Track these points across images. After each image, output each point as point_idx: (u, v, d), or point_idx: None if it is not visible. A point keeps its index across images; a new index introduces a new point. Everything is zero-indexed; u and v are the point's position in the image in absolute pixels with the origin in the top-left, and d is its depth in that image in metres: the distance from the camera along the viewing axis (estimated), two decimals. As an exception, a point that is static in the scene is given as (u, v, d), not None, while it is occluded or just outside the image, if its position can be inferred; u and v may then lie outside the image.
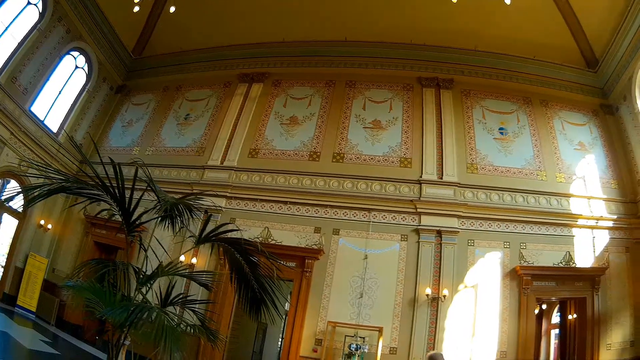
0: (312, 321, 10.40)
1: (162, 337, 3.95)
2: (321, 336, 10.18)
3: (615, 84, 14.00)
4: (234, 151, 12.65)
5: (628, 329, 11.40)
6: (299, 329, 10.30)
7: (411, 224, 11.27)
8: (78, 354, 10.15)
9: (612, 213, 12.42)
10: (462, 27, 13.25)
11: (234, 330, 11.20)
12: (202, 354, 9.96)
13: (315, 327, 10.34)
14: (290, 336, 10.34)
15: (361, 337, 10.00)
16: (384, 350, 9.99)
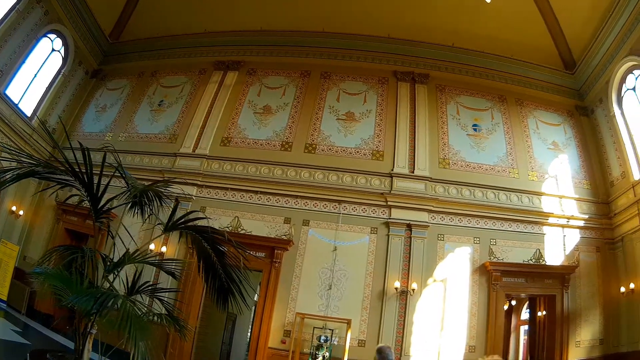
0: (280, 312, 10.30)
1: (126, 326, 3.86)
2: (290, 327, 10.10)
3: (592, 87, 14.12)
4: (206, 139, 12.47)
5: (597, 327, 11.58)
6: (268, 320, 10.19)
7: (381, 216, 11.21)
8: (48, 343, 9.91)
9: (583, 213, 12.50)
10: (441, 23, 13.24)
11: (203, 321, 11.00)
12: (172, 345, 9.72)
13: (284, 319, 10.25)
14: (259, 327, 10.22)
15: (329, 329, 9.95)
16: (353, 343, 9.93)
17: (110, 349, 4.53)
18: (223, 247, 5.11)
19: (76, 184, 4.60)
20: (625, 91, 13.22)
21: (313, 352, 9.66)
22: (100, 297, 3.97)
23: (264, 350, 9.96)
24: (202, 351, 11.19)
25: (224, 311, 5.43)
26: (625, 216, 12.35)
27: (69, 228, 12.64)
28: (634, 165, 12.46)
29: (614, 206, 12.83)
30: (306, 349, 9.89)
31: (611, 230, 12.66)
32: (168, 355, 9.66)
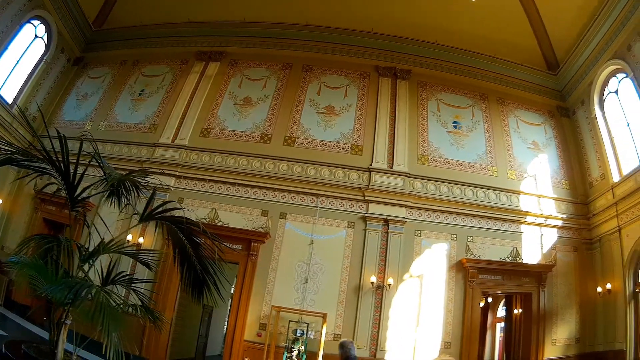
0: (256, 305, 10.22)
1: (99, 316, 3.80)
2: (266, 321, 10.02)
3: (575, 89, 14.20)
4: (186, 130, 12.34)
5: (574, 325, 11.68)
6: (244, 313, 10.10)
7: (359, 211, 11.17)
8: (25, 334, 9.74)
9: (562, 213, 12.56)
10: (425, 19, 13.22)
11: (179, 313, 10.90)
12: (148, 336, 9.56)
13: (260, 312, 10.17)
14: (235, 320, 10.13)
15: (305, 323, 9.91)
16: (328, 337, 9.88)
17: (86, 340, 4.45)
18: (199, 238, 5.06)
19: (53, 172, 4.56)
20: (607, 94, 13.29)
21: (289, 345, 9.61)
22: (74, 286, 3.93)
23: (240, 343, 9.88)
24: (178, 343, 11.12)
25: (199, 303, 5.36)
26: (603, 217, 12.41)
27: (47, 218, 12.46)
28: (614, 168, 12.53)
29: (592, 207, 12.89)
30: (282, 343, 9.83)
31: (589, 230, 12.73)
32: (144, 346, 9.55)
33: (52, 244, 4.73)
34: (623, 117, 12.73)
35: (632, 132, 12.37)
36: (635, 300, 11.29)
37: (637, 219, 11.43)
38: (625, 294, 11.35)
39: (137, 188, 5.15)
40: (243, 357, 9.78)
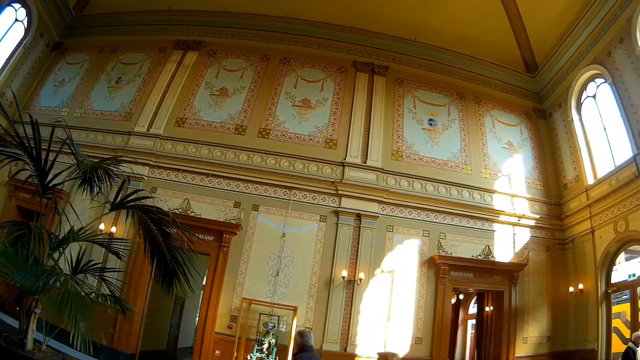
0: (227, 297, 10.12)
1: (67, 305, 3.79)
2: (236, 313, 9.90)
3: (552, 91, 14.31)
4: (161, 119, 12.16)
5: (545, 324, 11.79)
6: (215, 304, 10.01)
7: (331, 205, 11.13)
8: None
9: (535, 213, 12.64)
10: (406, 17, 13.17)
11: (151, 305, 10.69)
12: (120, 328, 9.45)
13: (231, 304, 10.08)
14: (206, 312, 10.03)
15: (276, 316, 9.83)
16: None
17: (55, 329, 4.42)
18: (169, 228, 5.04)
19: (25, 157, 4.54)
20: (585, 98, 13.40)
21: (259, 338, 9.53)
22: (42, 274, 3.91)
23: (211, 336, 9.78)
24: (150, 335, 10.94)
25: (169, 294, 5.30)
26: (576, 219, 12.51)
27: (20, 205, 12.23)
28: (589, 170, 12.65)
29: (566, 208, 12.99)
30: (253, 335, 9.74)
31: (562, 231, 12.82)
32: (116, 338, 9.44)
33: (23, 231, 4.70)
34: (600, 122, 12.83)
35: (608, 137, 12.48)
36: (607, 301, 11.44)
37: (610, 222, 11.55)
38: (597, 294, 11.46)
39: (109, 176, 5.15)
40: (214, 349, 9.69)
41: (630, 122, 11.32)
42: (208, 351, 9.63)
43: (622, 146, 11.96)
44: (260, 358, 9.21)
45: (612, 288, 11.53)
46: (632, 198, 10.95)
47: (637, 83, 11.07)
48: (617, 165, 11.85)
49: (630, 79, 11.35)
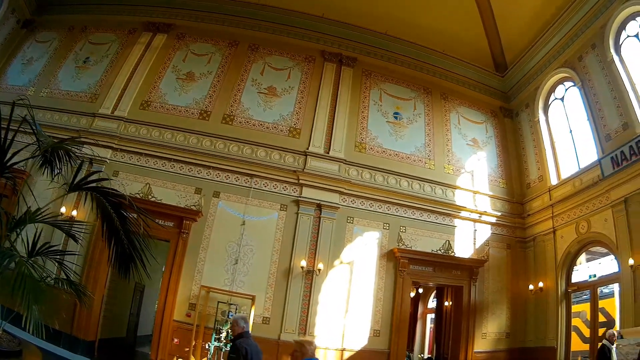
0: (186, 285, 9.95)
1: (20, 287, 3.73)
2: (195, 301, 9.77)
3: (520, 92, 14.46)
4: (126, 101, 11.88)
5: (504, 320, 11.95)
6: (174, 292, 9.83)
7: (292, 194, 11.06)
8: None
9: (497, 210, 12.76)
10: (378, 9, 13.11)
11: (111, 291, 10.48)
12: (79, 314, 9.19)
13: (190, 291, 9.91)
14: (165, 299, 9.83)
15: (234, 305, 9.70)
16: (257, 320, 9.78)
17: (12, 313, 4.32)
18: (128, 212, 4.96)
19: None
20: (553, 100, 13.55)
21: (217, 327, 9.41)
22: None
23: (169, 323, 9.59)
24: (109, 321, 10.69)
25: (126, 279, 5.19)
26: (538, 218, 12.66)
27: (-17, 187, 12.01)
28: (553, 171, 12.81)
29: (528, 207, 13.13)
30: (211, 324, 9.63)
31: (523, 229, 12.97)
32: (75, 324, 9.19)
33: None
34: (567, 124, 12.95)
35: (574, 139, 12.62)
36: (567, 300, 11.65)
37: (572, 222, 11.70)
38: (557, 293, 11.65)
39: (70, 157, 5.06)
40: (172, 337, 9.53)
41: (597, 126, 11.47)
42: (167, 339, 9.46)
43: (587, 149, 12.10)
44: (218, 347, 9.09)
45: (573, 287, 11.70)
46: (595, 200, 11.09)
47: (606, 88, 11.22)
48: (581, 167, 12.01)
49: (600, 84, 11.48)
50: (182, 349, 9.32)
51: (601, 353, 7.89)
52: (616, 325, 10.37)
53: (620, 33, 11.20)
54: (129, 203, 4.93)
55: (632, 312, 9.37)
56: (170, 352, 9.36)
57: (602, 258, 12.94)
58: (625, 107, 10.65)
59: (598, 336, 10.63)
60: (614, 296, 11.43)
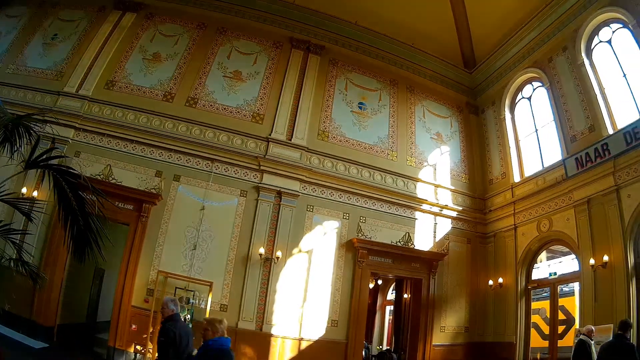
0: (145, 270, 9.72)
1: None
2: (153, 286, 9.58)
3: (488, 89, 14.61)
4: (91, 80, 11.60)
5: (463, 315, 12.11)
6: (132, 277, 9.61)
7: (253, 180, 10.94)
8: None
9: (458, 204, 12.87)
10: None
11: (70, 275, 10.14)
12: (38, 298, 9.00)
13: (148, 277, 9.69)
14: (123, 284, 9.61)
15: (191, 291, 9.59)
16: (215, 307, 9.65)
17: None
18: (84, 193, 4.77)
19: None
20: (520, 99, 13.73)
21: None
22: None
23: (128, 309, 9.39)
24: (69, 306, 10.41)
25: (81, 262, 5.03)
26: (500, 214, 12.81)
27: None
28: (516, 169, 12.98)
29: (490, 203, 13.26)
30: None
31: (484, 225, 13.10)
32: (34, 308, 9.01)
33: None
34: (532, 123, 13.10)
35: (539, 139, 12.77)
36: (526, 297, 11.84)
37: (534, 220, 11.86)
38: (517, 289, 11.83)
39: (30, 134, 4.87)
40: (130, 323, 9.34)
41: (562, 127, 11.64)
42: (125, 325, 9.26)
43: (551, 149, 12.26)
44: None
45: (533, 284, 11.88)
46: (557, 199, 11.26)
47: (574, 91, 11.38)
48: (545, 166, 12.21)
49: (568, 86, 11.64)
50: (140, 336, 9.17)
51: (581, 348, 7.89)
52: (576, 323, 10.55)
53: (593, 38, 11.37)
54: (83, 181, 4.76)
55: (591, 311, 9.54)
56: (128, 339, 9.22)
57: (563, 257, 13.13)
58: (592, 110, 10.81)
59: (557, 333, 10.86)
60: (574, 295, 11.61)
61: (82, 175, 4.87)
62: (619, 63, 10.75)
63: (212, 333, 4.29)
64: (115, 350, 9.09)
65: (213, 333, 4.29)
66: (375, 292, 17.36)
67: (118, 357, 9.04)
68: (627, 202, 9.48)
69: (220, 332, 4.31)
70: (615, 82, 10.79)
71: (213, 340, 4.25)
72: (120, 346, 9.11)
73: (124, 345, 9.14)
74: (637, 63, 10.16)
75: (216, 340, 4.26)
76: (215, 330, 4.30)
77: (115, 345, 9.14)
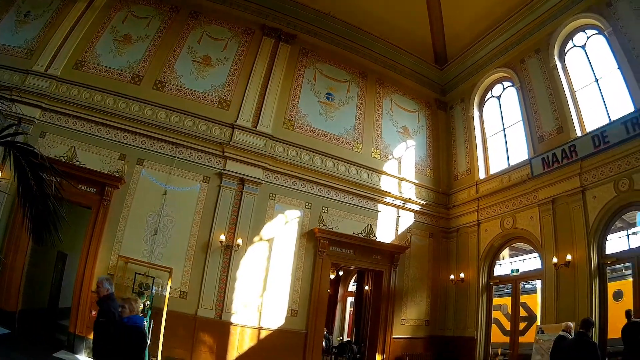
0: (105, 254, 9.57)
1: None
2: (113, 271, 9.31)
3: (457, 86, 14.81)
4: (60, 60, 11.53)
5: (424, 308, 12.31)
6: (93, 261, 9.42)
7: (216, 166, 10.88)
8: None
9: (422, 199, 13.00)
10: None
11: (32, 259, 9.88)
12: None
13: (109, 262, 9.52)
14: (84, 269, 9.42)
15: (151, 277, 9.40)
16: (174, 294, 9.54)
17: None
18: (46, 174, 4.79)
19: None
20: (489, 97, 13.92)
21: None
22: None
23: (88, 295, 9.17)
24: (30, 291, 10.16)
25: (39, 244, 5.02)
26: (464, 210, 13.01)
27: None
28: (482, 166, 13.17)
29: (454, 198, 13.45)
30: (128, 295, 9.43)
31: (447, 220, 13.28)
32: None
33: None
34: (500, 122, 13.27)
35: (506, 137, 12.99)
36: (488, 292, 12.08)
37: (497, 217, 12.07)
38: (478, 285, 12.07)
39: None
40: (91, 309, 9.04)
41: (531, 127, 11.84)
42: (85, 311, 9.07)
43: (518, 148, 12.45)
44: None
45: (495, 280, 12.12)
46: (522, 198, 11.47)
47: (545, 92, 11.61)
48: (511, 164, 12.42)
49: (539, 87, 11.86)
50: (100, 322, 9.16)
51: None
52: (537, 320, 10.80)
53: (567, 42, 11.56)
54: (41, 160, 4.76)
55: (553, 309, 9.79)
56: (89, 325, 8.87)
57: (526, 255, 13.42)
58: (562, 112, 11.00)
59: (519, 330, 11.13)
60: (536, 292, 11.88)
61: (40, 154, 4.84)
62: (592, 68, 10.95)
63: (129, 311, 4.40)
64: (76, 336, 8.96)
65: (130, 311, 4.40)
66: (337, 283, 17.49)
67: (78, 344, 8.90)
68: (592, 203, 9.74)
69: (136, 310, 4.43)
70: (587, 86, 11.01)
71: (128, 317, 4.37)
72: (81, 332, 8.97)
73: (84, 331, 8.95)
74: (610, 69, 10.35)
75: (131, 318, 4.39)
76: (131, 309, 4.42)
77: (76, 331, 8.99)
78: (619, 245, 10.03)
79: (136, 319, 4.40)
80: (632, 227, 10.46)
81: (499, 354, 11.58)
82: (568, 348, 6.17)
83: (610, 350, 8.65)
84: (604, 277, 9.38)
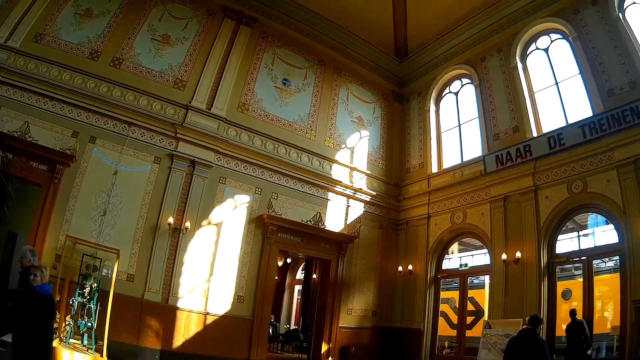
0: (54, 234, 9.28)
1: None
2: (61, 252, 9.10)
3: (415, 79, 15.07)
4: (21, 31, 11.27)
5: (371, 299, 12.56)
6: (41, 241, 9.08)
7: (168, 147, 10.76)
8: None
9: (372, 189, 13.23)
10: (291, -24, 13.11)
11: None
12: None
13: (57, 242, 9.23)
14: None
15: (99, 258, 9.25)
16: (122, 276, 9.42)
17: None
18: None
19: None
20: (446, 93, 14.19)
21: (81, 281, 8.79)
22: None
23: None
24: None
25: None
26: (414, 202, 13.26)
27: None
28: (434, 160, 13.46)
29: (405, 191, 13.69)
30: (76, 278, 9.00)
31: (397, 212, 13.52)
32: None
33: None
34: (456, 118, 13.53)
35: (461, 133, 13.26)
36: (436, 285, 12.38)
37: (448, 211, 12.35)
38: (426, 277, 12.34)
39: None
40: None
41: (487, 125, 12.12)
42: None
43: (473, 145, 12.72)
44: (82, 303, 8.58)
45: (443, 274, 12.46)
46: (473, 194, 11.76)
47: (503, 92, 11.92)
48: (464, 160, 12.68)
49: (497, 87, 12.15)
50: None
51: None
52: (485, 315, 11.11)
53: (530, 44, 11.87)
54: None
55: (501, 304, 10.12)
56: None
57: (475, 250, 13.77)
58: (519, 112, 11.31)
59: (466, 323, 11.45)
60: (484, 287, 12.19)
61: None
62: (553, 71, 11.26)
63: (40, 280, 4.58)
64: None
65: (41, 280, 4.59)
66: (285, 271, 17.62)
67: (26, 326, 8.90)
68: (544, 203, 10.06)
69: (46, 279, 4.64)
70: (546, 88, 11.34)
71: (39, 286, 4.55)
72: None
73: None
74: (571, 73, 10.65)
75: (42, 287, 4.57)
76: (42, 278, 4.61)
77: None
78: (569, 246, 10.43)
79: (47, 287, 4.58)
80: (583, 228, 10.90)
81: (445, 347, 11.95)
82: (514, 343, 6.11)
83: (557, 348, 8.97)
84: (553, 276, 9.73)
